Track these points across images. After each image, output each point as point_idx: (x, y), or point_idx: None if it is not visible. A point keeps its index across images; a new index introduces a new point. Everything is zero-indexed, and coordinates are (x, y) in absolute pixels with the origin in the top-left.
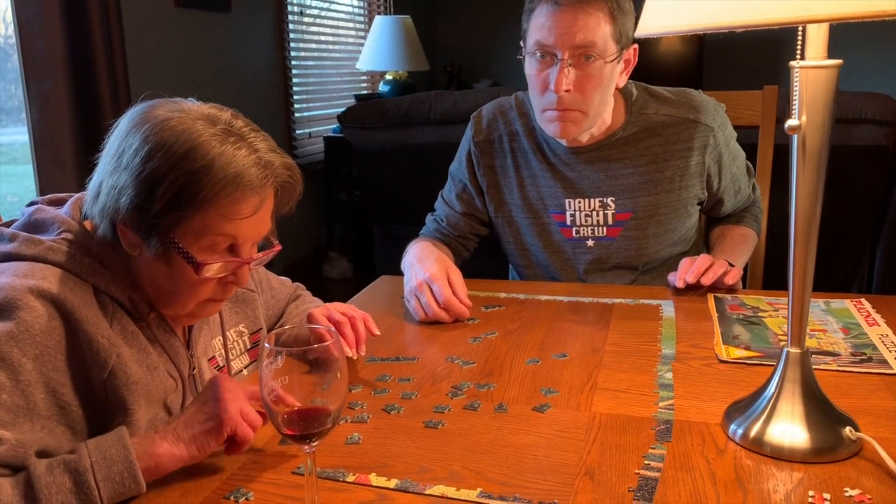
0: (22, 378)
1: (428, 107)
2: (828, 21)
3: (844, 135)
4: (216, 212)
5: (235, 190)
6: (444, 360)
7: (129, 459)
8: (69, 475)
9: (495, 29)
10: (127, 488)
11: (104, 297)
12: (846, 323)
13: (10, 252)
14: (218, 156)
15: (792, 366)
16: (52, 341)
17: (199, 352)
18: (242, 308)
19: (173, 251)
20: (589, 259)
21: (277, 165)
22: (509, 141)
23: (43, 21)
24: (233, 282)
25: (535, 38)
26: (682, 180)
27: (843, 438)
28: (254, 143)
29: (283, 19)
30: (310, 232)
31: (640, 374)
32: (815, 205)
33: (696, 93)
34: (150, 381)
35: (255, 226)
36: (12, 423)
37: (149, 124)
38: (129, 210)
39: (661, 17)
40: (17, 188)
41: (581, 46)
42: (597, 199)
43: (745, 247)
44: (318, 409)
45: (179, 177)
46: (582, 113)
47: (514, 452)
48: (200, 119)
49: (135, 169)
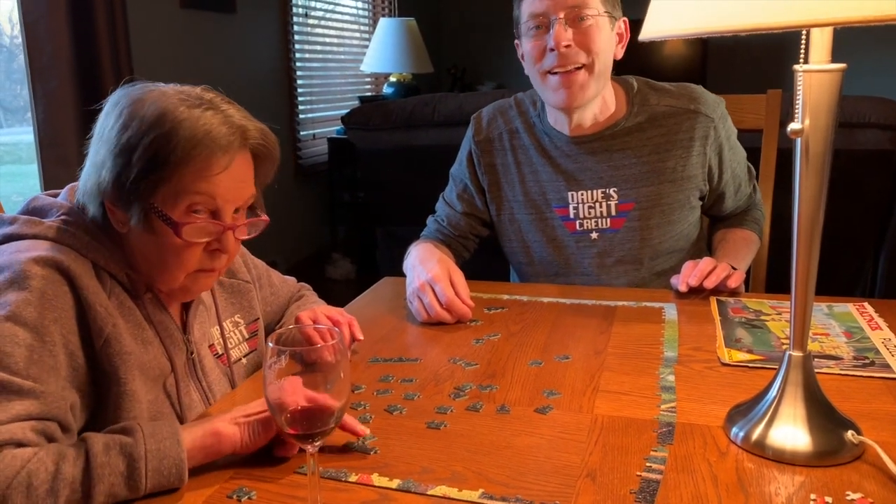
0: (47, 339)
1: (432, 109)
2: (832, 25)
3: (848, 139)
4: (188, 170)
5: (204, 148)
6: (447, 361)
7: (180, 458)
8: (123, 459)
9: (499, 31)
10: (171, 482)
11: (102, 272)
12: (849, 327)
13: (10, 233)
14: (186, 118)
15: (794, 369)
16: (65, 305)
17: (196, 337)
18: (238, 299)
19: (154, 217)
20: (593, 253)
21: (249, 128)
22: (509, 138)
23: (49, 22)
24: (219, 249)
25: (528, 12)
26: (685, 170)
27: (845, 442)
28: (225, 110)
29: (288, 21)
30: (313, 233)
31: (642, 376)
32: (818, 208)
33: (697, 86)
34: (144, 354)
35: (231, 186)
36: (45, 380)
37: (124, 100)
38: (110, 183)
39: (666, 21)
40: (21, 187)
41: (573, 6)
42: (599, 190)
43: (748, 250)
44: (321, 409)
45: (152, 142)
46: (587, 71)
47: (516, 454)
48: (172, 91)
49: (111, 142)
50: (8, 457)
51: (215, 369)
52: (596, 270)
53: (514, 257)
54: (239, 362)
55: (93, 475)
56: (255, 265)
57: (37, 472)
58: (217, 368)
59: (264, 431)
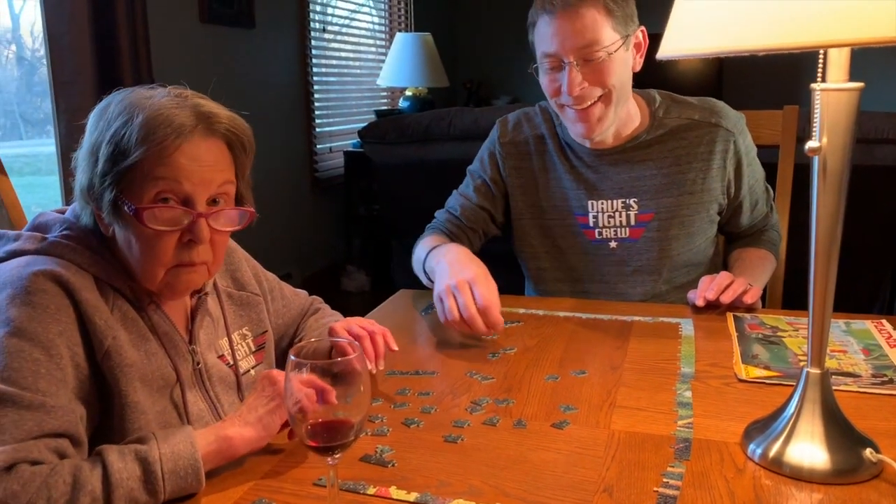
0: (54, 352)
1: (448, 123)
2: (850, 45)
3: (866, 155)
4: (148, 154)
5: (161, 130)
6: (464, 374)
7: (195, 458)
8: (138, 463)
9: (514, 46)
10: (189, 484)
11: (105, 286)
12: (867, 344)
13: (14, 249)
14: (147, 107)
15: (812, 386)
16: (67, 318)
17: (202, 347)
18: (247, 311)
19: (122, 209)
20: (612, 261)
21: (218, 114)
22: (535, 144)
23: (72, 36)
24: (192, 239)
25: (540, 50)
26: (704, 183)
27: (863, 460)
28: (191, 99)
29: (306, 35)
30: (329, 245)
31: (658, 392)
32: (836, 225)
33: (719, 101)
34: (147, 366)
35: (196, 170)
36: (55, 393)
37: (100, 107)
38: (85, 186)
39: (684, 40)
40: (41, 198)
41: (583, 47)
42: (619, 200)
43: (764, 269)
44: (341, 422)
45: (114, 134)
46: (605, 101)
47: (533, 468)
48: (142, 91)
49: (84, 147)
50: (27, 472)
51: (224, 380)
52: (614, 279)
53: (531, 262)
54: (247, 374)
55: (111, 482)
56: (266, 278)
57: (55, 485)
58: (226, 379)
59: (277, 419)
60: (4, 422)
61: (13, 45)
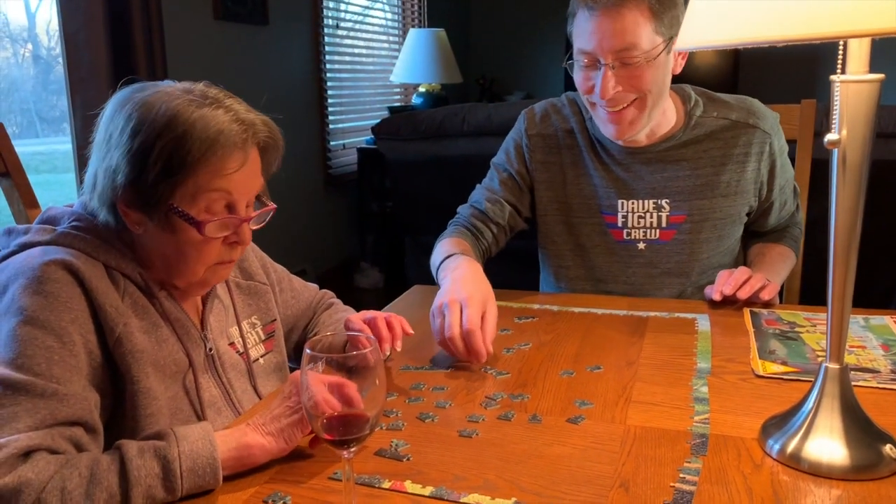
0: (67, 340)
1: (462, 119)
2: (871, 36)
3: (885, 149)
4: (206, 170)
5: (220, 147)
6: (478, 370)
7: (213, 456)
8: (158, 461)
9: (528, 42)
10: (206, 482)
11: (115, 273)
12: (886, 340)
13: (24, 242)
14: (198, 119)
15: (830, 381)
16: (79, 306)
17: (214, 333)
18: (254, 300)
19: (175, 217)
20: (639, 262)
21: (257, 123)
22: (564, 137)
23: (88, 34)
24: (236, 241)
25: (577, 46)
26: (739, 185)
27: (883, 456)
28: (230, 105)
29: (320, 32)
30: (342, 242)
31: (675, 387)
32: (856, 219)
33: (754, 100)
34: (159, 352)
35: (245, 181)
36: (69, 380)
37: (129, 103)
38: (126, 187)
39: (702, 32)
40: (57, 196)
41: (621, 50)
42: (651, 201)
43: (784, 265)
44: (357, 416)
45: (166, 144)
46: (638, 105)
47: (548, 463)
48: (176, 91)
49: (124, 146)
50: (42, 461)
51: (236, 366)
52: (640, 281)
53: (554, 259)
54: (257, 362)
55: (129, 478)
56: (274, 270)
57: (70, 477)
58: (237, 366)
59: (299, 432)
60: (18, 410)
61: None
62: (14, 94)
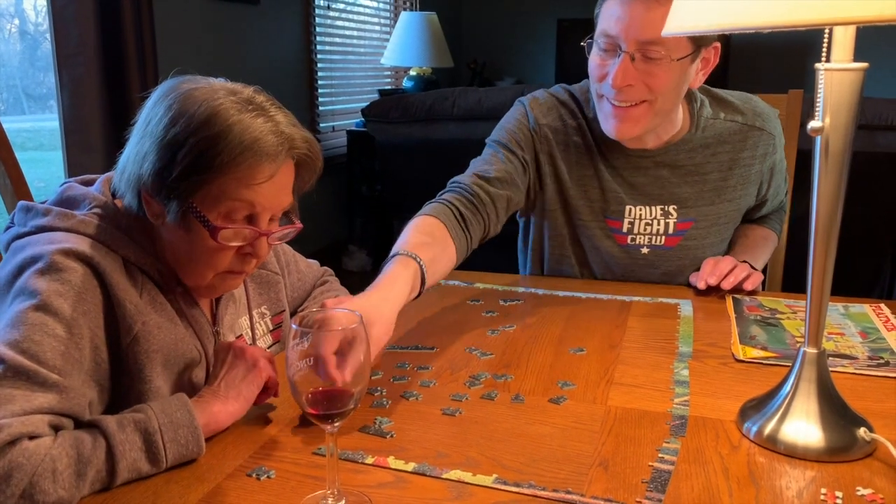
0: (76, 331)
1: (451, 103)
2: (855, 23)
3: (869, 141)
4: (233, 176)
5: (252, 156)
6: (463, 350)
7: (193, 424)
8: (139, 434)
9: (519, 28)
10: (190, 451)
11: (133, 268)
12: (864, 327)
13: (43, 225)
14: (236, 122)
15: (808, 365)
16: (93, 299)
17: (225, 328)
18: (266, 290)
19: (192, 216)
20: (640, 264)
21: (296, 138)
22: (574, 133)
23: (77, 8)
24: (251, 253)
25: (601, 27)
26: (744, 188)
27: (857, 439)
28: (274, 115)
29: (310, 13)
30: (330, 224)
31: (656, 370)
32: (837, 206)
33: (756, 98)
34: (174, 350)
35: (272, 195)
36: (69, 373)
37: (174, 93)
38: (151, 176)
39: (689, 16)
40: (44, 173)
41: (648, 42)
42: (658, 207)
43: (766, 248)
44: (341, 391)
45: (199, 142)
46: (646, 108)
47: (529, 441)
48: (223, 90)
49: (158, 135)
50: (31, 445)
51: None
52: (638, 279)
53: (555, 249)
54: None
55: (115, 453)
56: (283, 251)
57: (59, 457)
58: None
59: (255, 389)
60: (16, 394)
61: (16, 19)
62: (0, 70)
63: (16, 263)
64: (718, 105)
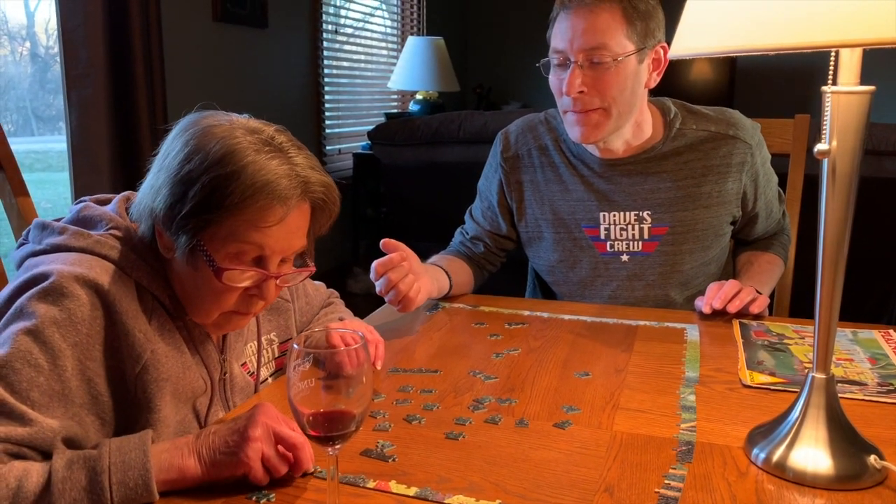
0: (60, 363)
1: (457, 126)
2: (862, 46)
3: (876, 167)
4: (243, 218)
5: (263, 198)
6: (467, 373)
7: (145, 468)
8: (86, 473)
9: (525, 52)
10: (139, 496)
11: (146, 293)
12: (873, 353)
13: (59, 244)
14: (250, 163)
15: (817, 391)
16: (93, 331)
17: (232, 357)
18: (275, 317)
19: (199, 254)
20: (623, 275)
21: (313, 182)
22: (539, 155)
23: (86, 30)
24: (257, 295)
25: (553, 46)
26: (720, 196)
27: (867, 467)
28: (292, 158)
29: (318, 37)
30: (335, 247)
31: (662, 395)
32: (844, 230)
33: (734, 111)
34: (182, 379)
35: (283, 238)
36: (46, 406)
37: (193, 129)
38: (163, 210)
39: (694, 39)
40: (51, 194)
41: (591, 48)
42: (632, 213)
43: (772, 274)
44: (343, 413)
45: (211, 180)
46: (603, 114)
47: (533, 467)
48: (242, 129)
49: (173, 170)
50: None
51: (244, 389)
52: (625, 293)
53: (543, 276)
54: (265, 382)
55: (53, 491)
56: None
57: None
58: (245, 389)
59: (228, 472)
60: None
61: (27, 41)
62: (11, 92)
63: (24, 279)
64: (691, 116)
